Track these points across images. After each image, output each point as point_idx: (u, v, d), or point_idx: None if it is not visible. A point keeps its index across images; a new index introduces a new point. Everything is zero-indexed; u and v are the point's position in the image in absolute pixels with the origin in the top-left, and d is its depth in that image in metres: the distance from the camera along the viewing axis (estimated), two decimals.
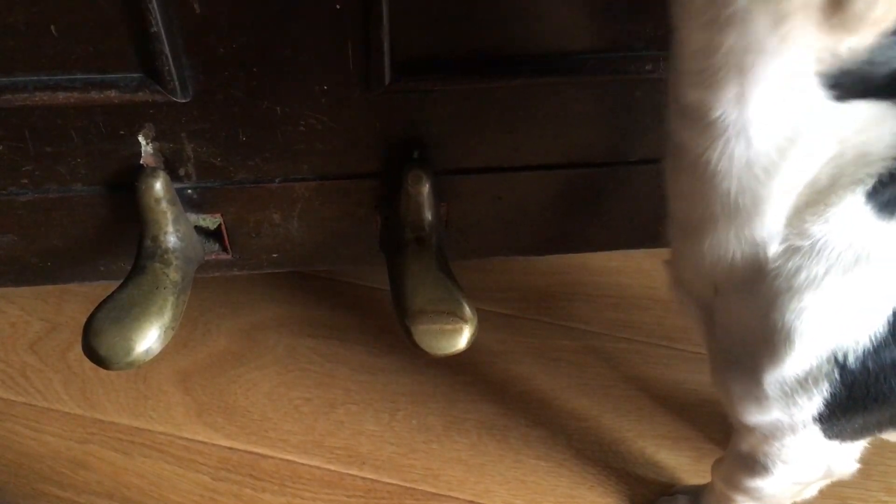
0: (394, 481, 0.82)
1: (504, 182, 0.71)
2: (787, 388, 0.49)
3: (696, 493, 0.78)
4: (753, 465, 0.60)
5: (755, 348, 0.49)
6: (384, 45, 0.58)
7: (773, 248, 0.46)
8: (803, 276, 0.45)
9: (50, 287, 0.92)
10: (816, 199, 0.44)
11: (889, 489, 0.81)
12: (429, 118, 0.64)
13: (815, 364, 0.48)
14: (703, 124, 0.43)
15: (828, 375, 0.48)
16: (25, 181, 0.65)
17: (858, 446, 0.58)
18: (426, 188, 0.65)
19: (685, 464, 0.83)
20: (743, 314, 0.49)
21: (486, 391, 0.88)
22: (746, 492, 0.65)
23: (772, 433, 0.55)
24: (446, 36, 0.59)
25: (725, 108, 0.42)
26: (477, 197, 0.72)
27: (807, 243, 0.45)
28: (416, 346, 0.61)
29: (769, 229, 0.45)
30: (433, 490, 0.82)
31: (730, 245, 0.47)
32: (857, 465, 0.60)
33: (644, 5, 0.60)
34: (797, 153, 0.42)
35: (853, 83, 0.39)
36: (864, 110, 0.41)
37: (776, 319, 0.47)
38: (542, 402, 0.87)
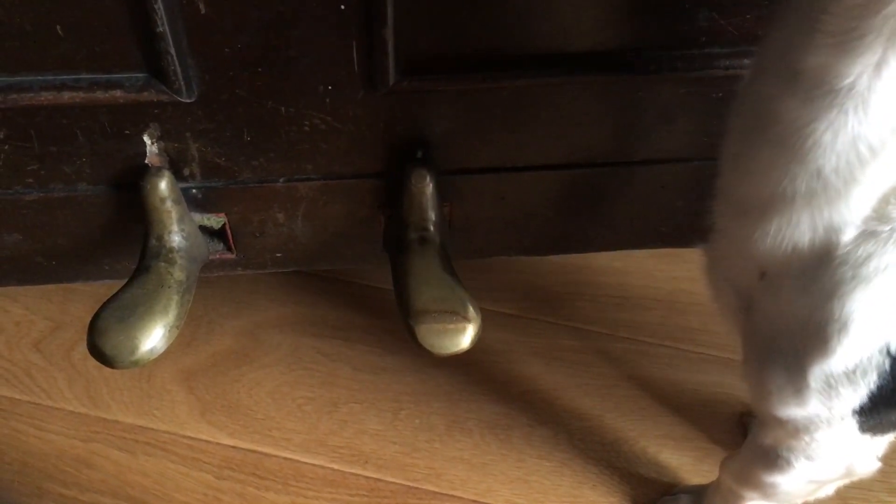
0: (397, 480, 0.82)
1: (507, 182, 0.71)
2: (832, 380, 0.48)
3: (699, 493, 0.78)
4: (775, 459, 0.59)
5: (803, 338, 0.48)
6: (388, 45, 0.58)
7: (849, 234, 0.44)
8: (873, 264, 0.43)
9: (55, 286, 0.92)
10: None
11: (892, 489, 0.81)
12: (432, 118, 0.64)
13: (866, 355, 0.46)
14: (821, 92, 0.40)
15: (878, 367, 0.46)
16: (31, 180, 0.65)
17: (883, 443, 0.57)
18: (430, 188, 0.66)
19: (687, 464, 0.83)
20: (794, 302, 0.48)
21: (489, 391, 0.88)
22: (760, 488, 0.63)
23: (805, 426, 0.53)
24: (450, 36, 0.59)
25: (858, 75, 0.39)
26: (480, 197, 0.72)
27: (886, 229, 0.43)
28: (419, 345, 0.61)
29: (852, 213, 0.44)
30: (436, 489, 0.82)
31: (801, 227, 0.45)
32: (879, 465, 0.59)
33: (647, 5, 0.60)
34: None
35: None
36: None
37: (834, 308, 0.45)
38: (544, 402, 0.87)
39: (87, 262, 0.74)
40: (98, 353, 0.59)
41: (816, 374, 0.48)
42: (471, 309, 0.62)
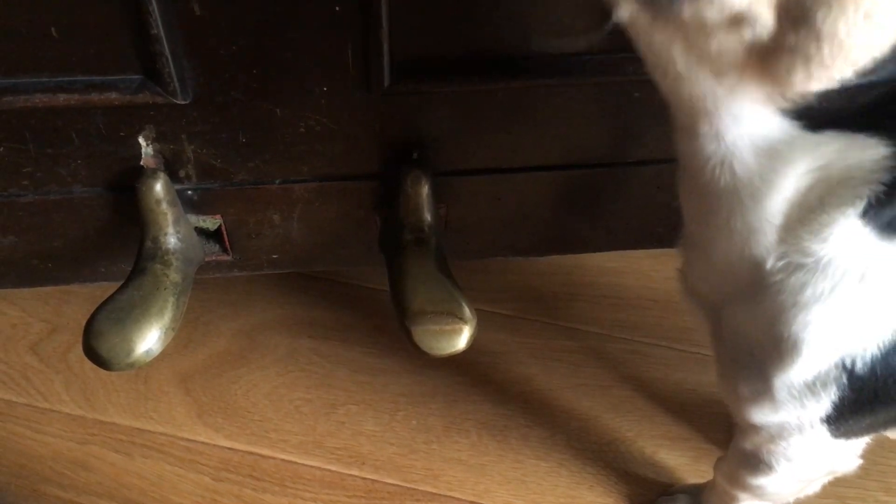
0: (394, 482, 0.82)
1: (503, 183, 0.71)
2: (794, 392, 0.50)
3: (696, 492, 0.78)
4: (757, 463, 0.61)
5: (763, 355, 0.50)
6: (384, 46, 0.58)
7: (771, 263, 0.47)
8: (809, 291, 0.46)
9: (51, 288, 0.92)
10: (809, 217, 0.45)
11: (888, 489, 0.81)
12: (428, 119, 0.65)
13: (823, 370, 0.48)
14: (696, 149, 0.45)
15: (836, 380, 0.48)
16: (26, 183, 0.65)
17: (861, 443, 0.59)
18: (425, 189, 0.66)
19: (684, 464, 0.83)
20: (749, 324, 0.50)
21: (486, 392, 0.88)
22: (750, 489, 0.65)
23: (779, 433, 0.56)
24: (446, 38, 0.59)
25: (706, 141, 0.44)
26: (476, 198, 0.72)
27: (810, 261, 0.45)
28: (415, 346, 0.61)
29: (764, 247, 0.46)
30: (433, 490, 0.82)
31: (732, 260, 0.48)
32: (859, 462, 0.61)
33: None
34: (780, 180, 0.43)
35: (820, 116, 0.40)
36: (840, 139, 0.42)
37: (782, 330, 0.47)
38: (541, 403, 0.87)
39: (83, 265, 0.74)
40: (94, 355, 0.59)
41: (779, 385, 0.50)
42: (467, 310, 0.62)
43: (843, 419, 0.51)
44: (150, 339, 0.60)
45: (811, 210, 0.44)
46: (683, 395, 0.87)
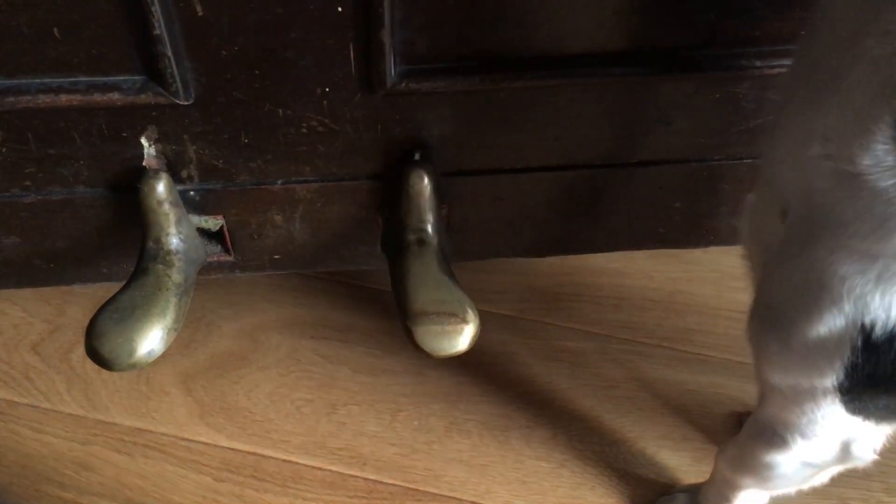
0: (395, 482, 0.82)
1: (505, 183, 0.71)
2: (809, 347, 0.48)
3: (695, 491, 0.78)
4: (772, 436, 0.59)
5: (793, 298, 0.48)
6: (386, 46, 0.58)
7: (824, 168, 0.43)
8: (844, 223, 0.43)
9: (53, 288, 0.92)
10: (865, 112, 0.41)
11: (890, 490, 0.81)
12: (430, 120, 0.65)
13: (838, 326, 0.46)
14: None
15: (851, 342, 0.46)
16: (28, 183, 0.65)
17: (881, 434, 0.56)
18: (428, 189, 0.66)
19: (686, 464, 0.83)
20: (798, 256, 0.47)
21: (488, 392, 0.88)
22: (757, 470, 0.63)
23: (794, 398, 0.54)
24: (448, 38, 0.59)
25: None
26: (478, 198, 0.72)
27: (853, 171, 0.42)
28: (417, 347, 0.61)
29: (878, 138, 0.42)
30: (435, 491, 0.82)
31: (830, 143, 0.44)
32: (875, 456, 0.58)
33: (645, 7, 0.60)
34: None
35: None
36: None
37: (810, 270, 0.45)
38: (543, 403, 0.87)
39: (85, 265, 0.74)
40: (96, 355, 0.59)
41: (795, 338, 0.48)
42: (469, 310, 0.62)
43: (856, 392, 0.49)
44: (152, 340, 0.60)
45: (872, 101, 0.41)
46: (685, 395, 0.87)
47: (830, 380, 0.49)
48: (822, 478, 0.63)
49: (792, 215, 0.49)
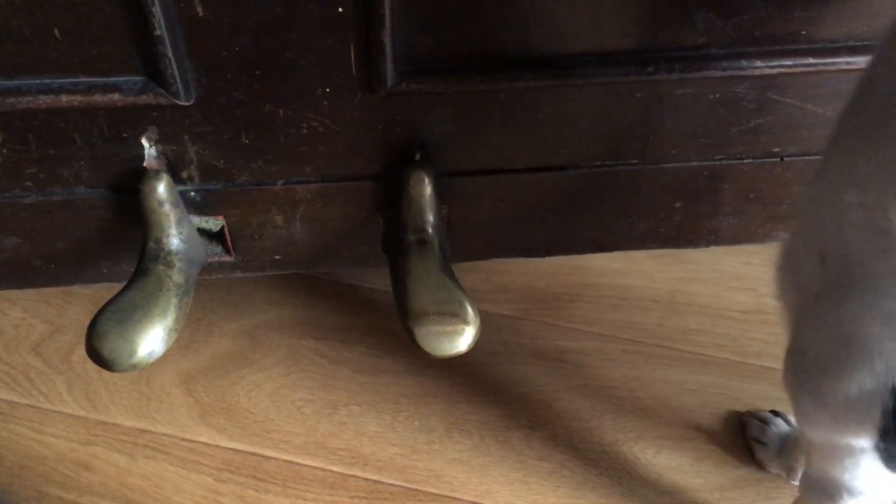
0: (396, 482, 0.82)
1: (505, 183, 0.71)
2: (841, 405, 0.47)
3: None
4: (821, 493, 0.58)
5: (826, 352, 0.47)
6: (386, 47, 0.58)
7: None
8: (878, 281, 0.42)
9: (53, 289, 0.92)
10: None
11: None
12: (431, 120, 0.65)
13: (871, 387, 0.45)
14: None
15: (882, 403, 0.45)
16: (29, 184, 0.65)
17: None
18: (428, 190, 0.66)
19: (686, 464, 0.83)
20: (832, 310, 0.47)
21: (488, 392, 0.88)
22: None
23: (833, 454, 0.53)
24: (448, 38, 0.59)
25: None
26: (479, 198, 0.72)
27: (890, 227, 0.41)
28: (418, 347, 0.61)
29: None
30: (435, 491, 0.82)
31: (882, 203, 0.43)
32: None
33: (645, 7, 0.60)
34: None
35: None
36: None
37: (843, 328, 0.45)
38: (543, 403, 0.87)
39: (86, 266, 0.74)
40: (97, 356, 0.59)
41: (830, 395, 0.47)
42: (470, 311, 0.62)
43: (892, 449, 0.48)
44: (152, 340, 0.60)
45: None
46: (685, 395, 0.87)
47: (866, 439, 0.48)
48: None
49: (829, 262, 0.48)
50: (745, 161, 0.72)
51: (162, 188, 0.64)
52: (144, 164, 0.64)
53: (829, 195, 0.48)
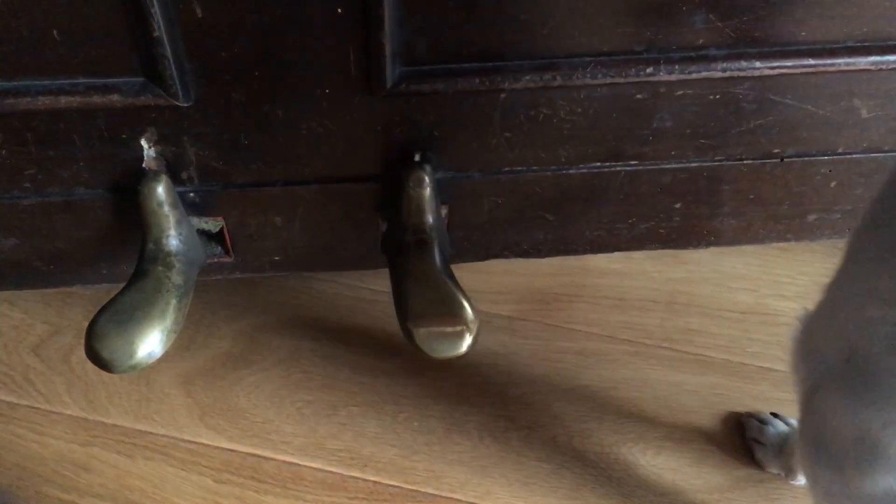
0: (396, 483, 0.82)
1: (505, 184, 0.71)
2: (868, 496, 0.48)
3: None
4: None
5: (849, 449, 0.47)
6: (386, 48, 0.58)
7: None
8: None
9: (52, 290, 0.92)
10: None
11: None
12: (430, 121, 0.64)
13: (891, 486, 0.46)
14: None
15: None
16: (28, 185, 0.65)
17: None
18: (427, 191, 0.66)
19: (686, 465, 0.83)
20: (859, 404, 0.47)
21: (488, 393, 0.88)
22: None
23: None
24: (447, 39, 0.59)
25: None
26: (478, 199, 0.72)
27: None
28: (418, 348, 0.61)
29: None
30: (435, 492, 0.82)
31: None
32: None
33: (645, 8, 0.60)
34: None
35: None
36: None
37: (866, 424, 0.45)
38: (543, 404, 0.87)
39: (85, 266, 0.74)
40: (96, 357, 0.59)
41: (856, 487, 0.48)
42: (469, 312, 0.62)
43: None
44: (152, 342, 0.60)
45: None
46: (685, 396, 0.87)
47: None
48: None
49: (854, 362, 0.48)
50: (745, 162, 0.72)
51: (161, 189, 0.64)
52: (143, 166, 0.64)
53: (854, 308, 0.47)
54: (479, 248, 0.77)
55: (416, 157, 0.66)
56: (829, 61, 0.63)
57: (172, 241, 0.65)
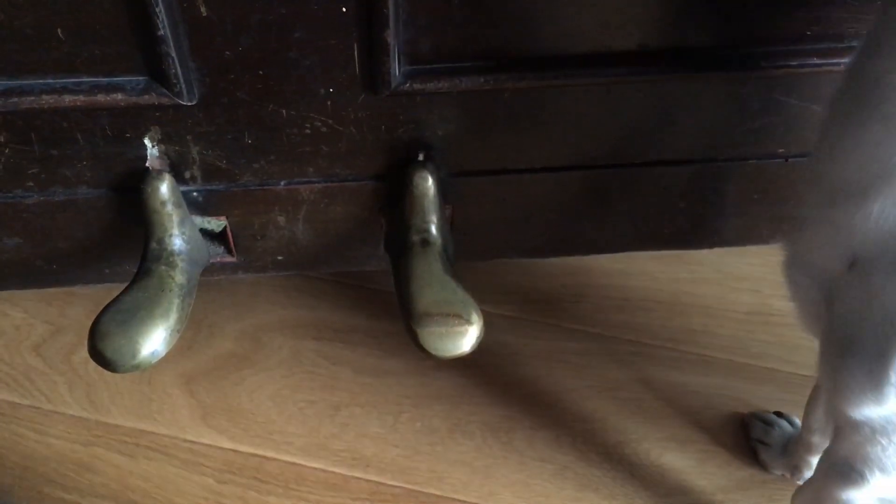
0: (398, 484, 0.82)
1: (509, 184, 0.71)
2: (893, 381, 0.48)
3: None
4: (849, 472, 0.57)
5: (889, 328, 0.47)
6: (390, 47, 0.58)
7: None
8: None
9: (55, 290, 0.92)
10: None
11: None
12: (434, 120, 0.64)
13: None
14: None
15: None
16: (31, 184, 0.65)
17: None
18: (431, 190, 0.65)
19: (690, 466, 0.83)
20: (885, 288, 0.47)
21: (491, 393, 0.88)
22: None
23: (882, 428, 0.53)
24: (452, 38, 0.59)
25: None
26: (482, 199, 0.72)
27: None
28: (421, 348, 0.61)
29: None
30: (438, 492, 0.82)
31: None
32: None
33: (648, 8, 0.60)
34: None
35: None
36: None
37: None
38: (546, 405, 0.87)
39: (88, 266, 0.74)
40: (99, 356, 0.59)
41: (881, 372, 0.48)
42: (473, 312, 0.62)
43: None
44: (154, 341, 0.60)
45: None
46: (689, 396, 0.87)
47: None
48: None
49: (864, 260, 0.48)
50: (750, 161, 0.72)
51: (164, 188, 0.64)
52: (147, 165, 0.64)
53: (854, 203, 0.48)
54: (482, 247, 0.77)
55: (420, 157, 0.66)
56: (834, 61, 0.63)
57: (176, 240, 0.65)
